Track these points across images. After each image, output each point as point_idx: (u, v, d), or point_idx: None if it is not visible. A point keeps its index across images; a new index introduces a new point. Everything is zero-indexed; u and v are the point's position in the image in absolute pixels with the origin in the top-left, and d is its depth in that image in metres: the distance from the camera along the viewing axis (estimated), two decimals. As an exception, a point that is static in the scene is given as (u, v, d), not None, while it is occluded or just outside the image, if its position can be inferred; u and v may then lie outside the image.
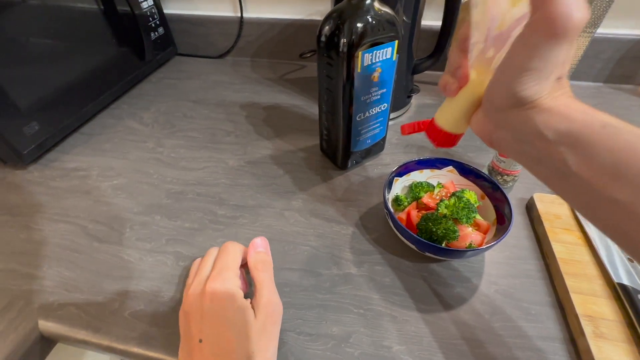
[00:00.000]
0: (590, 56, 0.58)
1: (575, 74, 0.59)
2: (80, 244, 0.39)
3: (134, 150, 0.52)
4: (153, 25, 0.65)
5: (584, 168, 0.18)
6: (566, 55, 0.18)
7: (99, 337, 0.31)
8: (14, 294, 0.34)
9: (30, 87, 0.47)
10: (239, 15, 0.69)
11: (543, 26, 0.17)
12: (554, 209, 0.38)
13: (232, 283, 0.29)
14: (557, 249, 0.34)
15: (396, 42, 0.36)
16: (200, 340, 0.26)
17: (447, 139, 0.26)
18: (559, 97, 0.19)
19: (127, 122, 0.57)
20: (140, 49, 0.63)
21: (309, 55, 0.61)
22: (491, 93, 0.21)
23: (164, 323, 0.32)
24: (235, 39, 0.72)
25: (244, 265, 0.33)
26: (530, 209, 0.40)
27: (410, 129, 0.29)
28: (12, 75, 0.44)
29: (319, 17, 0.67)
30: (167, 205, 0.43)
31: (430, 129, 0.27)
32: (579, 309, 0.30)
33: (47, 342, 0.33)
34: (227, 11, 0.70)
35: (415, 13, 0.45)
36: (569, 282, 0.32)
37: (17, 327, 0.31)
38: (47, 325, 0.32)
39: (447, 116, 0.25)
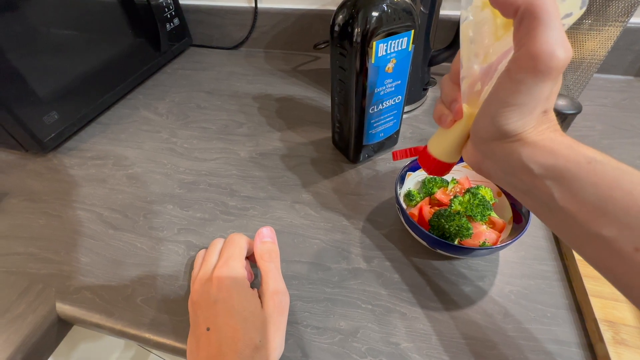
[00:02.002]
0: (621, 48, 0.54)
1: (604, 67, 0.56)
2: (96, 230, 0.40)
3: (149, 140, 0.52)
4: (169, 16, 0.66)
5: (569, 202, 0.18)
6: (550, 90, 0.18)
7: (112, 322, 0.32)
8: (33, 277, 0.35)
9: (50, 77, 0.48)
10: (254, 5, 0.68)
11: (526, 63, 0.16)
12: (575, 208, 0.36)
13: (239, 273, 0.29)
14: (577, 250, 0.33)
15: (412, 32, 0.35)
16: (208, 329, 0.26)
17: (441, 167, 0.26)
18: (544, 131, 0.19)
19: (142, 112, 0.58)
20: (155, 40, 0.64)
21: (323, 46, 0.60)
22: (477, 125, 0.21)
23: (174, 310, 0.32)
24: (250, 30, 0.72)
25: (249, 257, 0.33)
26: (549, 207, 0.38)
27: (402, 155, 0.29)
28: (33, 65, 0.46)
29: (334, 7, 0.65)
30: (180, 195, 0.43)
31: (423, 157, 0.27)
32: (598, 314, 0.28)
33: (64, 324, 0.34)
34: (242, 1, 0.70)
35: (434, 2, 0.43)
36: (589, 285, 0.30)
37: (35, 310, 0.33)
38: (64, 308, 0.33)
39: (440, 147, 0.25)
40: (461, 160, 0.38)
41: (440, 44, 0.51)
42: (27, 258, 0.37)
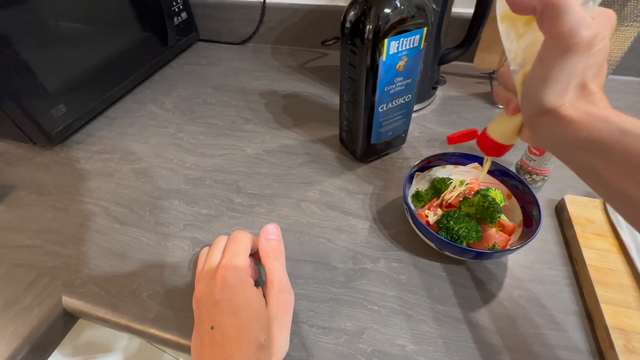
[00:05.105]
0: (637, 49, 0.53)
1: (619, 69, 0.55)
2: (102, 224, 0.40)
3: (155, 135, 0.52)
4: (176, 9, 0.65)
5: (605, 170, 0.20)
6: (584, 64, 0.19)
7: (117, 316, 0.32)
8: (40, 270, 0.36)
9: (58, 70, 0.48)
10: (262, 0, 0.68)
11: (553, 43, 0.19)
12: (586, 212, 0.36)
13: (243, 271, 0.29)
14: (588, 255, 0.32)
15: (425, 29, 0.34)
16: (212, 327, 0.26)
17: (499, 149, 0.28)
18: (581, 105, 0.20)
19: (149, 107, 0.58)
20: (163, 34, 0.63)
21: (331, 42, 0.59)
22: (523, 104, 0.23)
23: (179, 306, 0.32)
24: (257, 25, 0.71)
25: (254, 255, 0.33)
26: (560, 211, 0.37)
27: (458, 139, 0.31)
28: (42, 57, 0.46)
29: (343, 3, 0.65)
30: (186, 190, 0.43)
31: (483, 140, 0.29)
32: (609, 321, 0.28)
33: (70, 317, 0.35)
34: (250, -4, 0.69)
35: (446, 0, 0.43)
36: (600, 292, 0.30)
37: (42, 302, 0.33)
38: (70, 302, 0.33)
39: (501, 130, 0.27)
40: (472, 159, 0.38)
41: (451, 42, 0.50)
42: (35, 250, 0.37)
